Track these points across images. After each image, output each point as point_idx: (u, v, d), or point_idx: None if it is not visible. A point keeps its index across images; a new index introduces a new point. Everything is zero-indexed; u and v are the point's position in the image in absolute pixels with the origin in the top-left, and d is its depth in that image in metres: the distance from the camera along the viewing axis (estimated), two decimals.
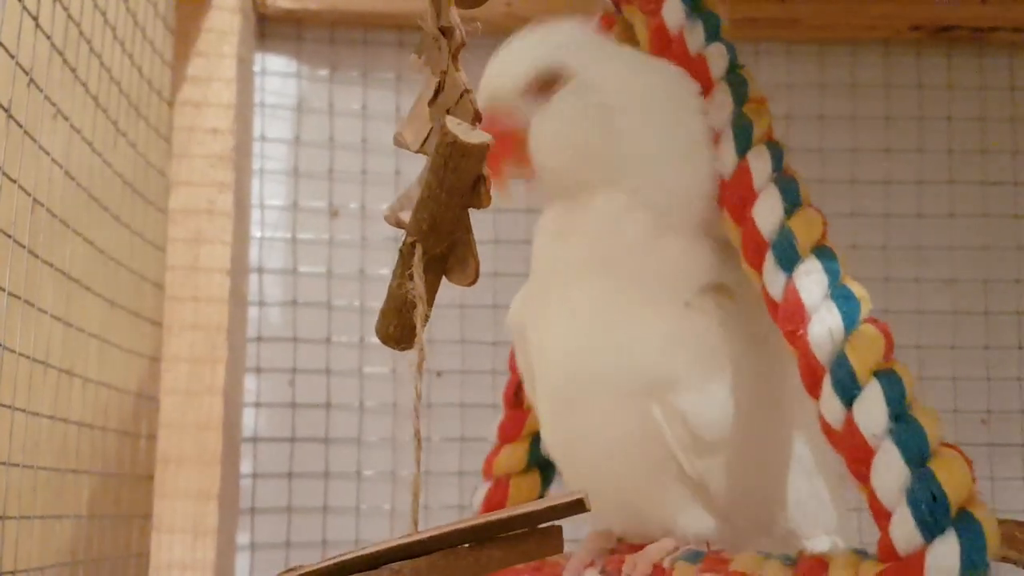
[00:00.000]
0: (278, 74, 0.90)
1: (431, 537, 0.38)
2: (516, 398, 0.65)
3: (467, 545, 0.38)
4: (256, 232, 0.87)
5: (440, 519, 0.41)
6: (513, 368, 0.65)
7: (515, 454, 0.65)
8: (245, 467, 0.84)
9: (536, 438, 0.64)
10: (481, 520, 0.38)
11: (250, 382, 0.85)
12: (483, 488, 0.66)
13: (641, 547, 0.54)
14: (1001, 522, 0.53)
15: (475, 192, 0.44)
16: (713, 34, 0.57)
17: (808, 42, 0.92)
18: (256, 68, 0.87)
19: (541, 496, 0.66)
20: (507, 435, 0.66)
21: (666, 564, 0.52)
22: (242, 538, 0.83)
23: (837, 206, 0.89)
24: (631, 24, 0.62)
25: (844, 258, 0.50)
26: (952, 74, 0.92)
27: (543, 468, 0.66)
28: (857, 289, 0.49)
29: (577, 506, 0.37)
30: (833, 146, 0.91)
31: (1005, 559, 0.52)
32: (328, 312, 0.88)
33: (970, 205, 0.91)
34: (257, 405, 0.86)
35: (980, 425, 0.88)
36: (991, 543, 0.42)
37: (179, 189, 0.79)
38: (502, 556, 0.38)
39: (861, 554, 0.46)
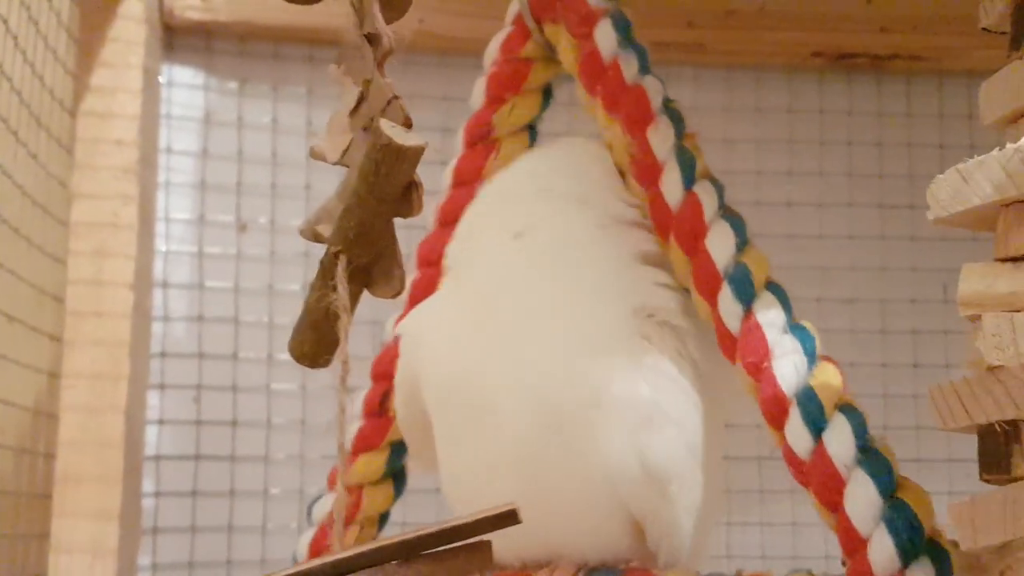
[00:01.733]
0: (186, 86, 0.89)
1: (357, 554, 0.37)
2: (381, 407, 0.64)
3: (395, 562, 0.38)
4: (161, 246, 0.86)
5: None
6: (380, 376, 0.64)
7: (373, 463, 0.64)
8: (147, 486, 0.82)
9: (395, 448, 0.63)
10: (408, 536, 0.38)
11: (153, 399, 0.84)
12: (329, 499, 0.65)
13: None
14: None
15: (405, 199, 0.43)
16: (645, 66, 0.58)
17: (715, 67, 0.93)
18: (163, 79, 0.86)
19: (391, 506, 0.65)
20: (368, 444, 0.64)
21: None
22: (144, 559, 0.82)
23: None
24: (550, 44, 0.63)
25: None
26: (852, 100, 0.95)
27: (396, 479, 0.65)
28: (809, 325, 0.51)
29: (508, 518, 0.37)
30: (738, 168, 0.93)
31: None
32: (235, 328, 0.87)
33: (869, 227, 0.93)
34: (161, 422, 0.85)
35: None
36: (957, 569, 0.45)
37: (81, 201, 0.77)
38: (430, 571, 0.38)
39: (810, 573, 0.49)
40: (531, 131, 0.66)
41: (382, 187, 0.41)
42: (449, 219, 0.64)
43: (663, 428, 0.52)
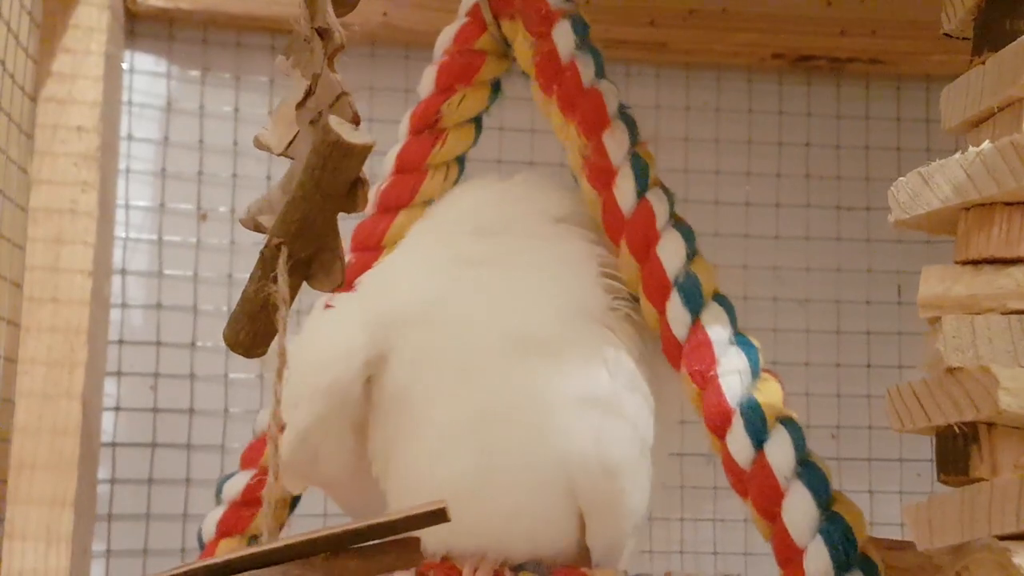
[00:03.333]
0: (147, 73, 0.88)
1: (286, 546, 0.37)
2: None
3: (323, 555, 0.38)
4: (121, 233, 0.85)
5: (301, 526, 0.41)
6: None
7: None
8: (103, 473, 0.82)
9: None
10: (338, 529, 0.38)
11: (110, 386, 0.84)
12: (241, 478, 0.65)
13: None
14: None
15: (351, 196, 0.43)
16: (600, 70, 0.59)
17: (675, 66, 0.94)
18: (125, 66, 0.85)
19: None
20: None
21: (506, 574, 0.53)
22: (98, 545, 0.81)
23: (701, 226, 0.92)
24: (506, 40, 0.63)
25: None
26: (811, 102, 0.96)
27: None
28: (753, 338, 0.52)
29: (437, 516, 0.37)
30: (697, 167, 0.94)
31: None
32: (193, 316, 0.87)
33: (825, 228, 0.95)
34: (117, 409, 0.85)
35: (830, 440, 0.92)
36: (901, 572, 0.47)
37: (41, 187, 0.77)
38: (358, 566, 0.38)
39: None
40: (477, 124, 0.66)
41: (328, 183, 0.41)
42: (390, 205, 0.65)
43: (620, 421, 0.53)
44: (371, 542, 0.38)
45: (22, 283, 0.75)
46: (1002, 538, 0.37)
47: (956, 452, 0.39)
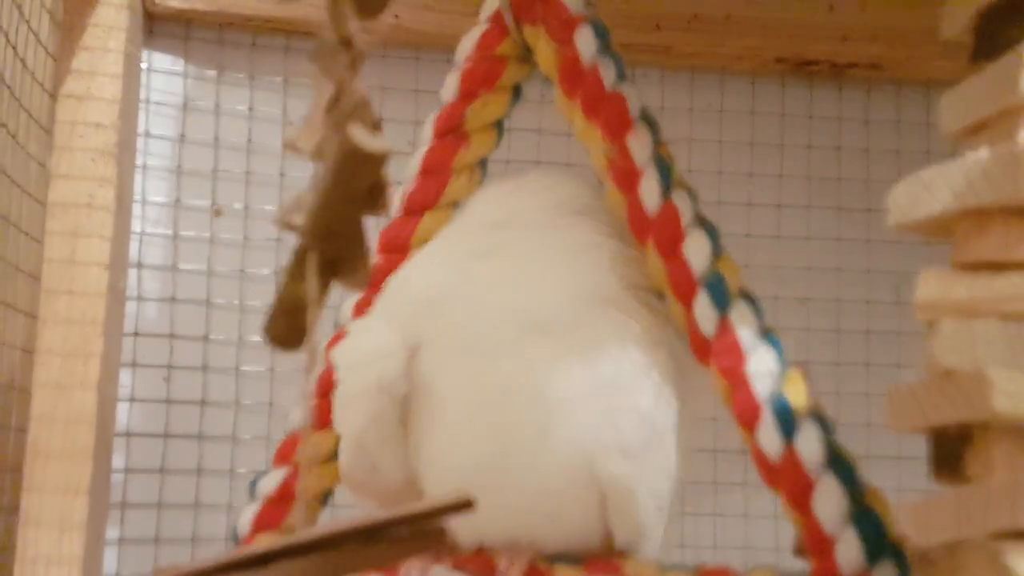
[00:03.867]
0: (165, 72, 0.90)
1: (316, 537, 0.38)
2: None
3: (352, 544, 0.38)
4: (137, 227, 0.87)
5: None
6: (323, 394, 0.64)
7: (322, 443, 0.65)
8: (117, 462, 0.83)
9: None
10: (366, 520, 0.38)
11: (125, 377, 0.85)
12: (277, 474, 0.66)
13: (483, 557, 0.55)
14: None
15: (372, 199, 0.44)
16: (621, 74, 0.60)
17: (680, 69, 0.95)
18: (143, 65, 0.87)
19: (335, 485, 0.66)
20: (318, 423, 0.65)
21: (541, 566, 0.54)
22: (111, 532, 0.83)
23: None
24: (528, 46, 0.64)
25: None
26: (813, 105, 0.97)
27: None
28: (778, 334, 0.54)
29: (464, 506, 0.38)
30: (701, 168, 0.95)
31: None
32: (207, 309, 0.88)
33: (825, 229, 0.96)
34: (131, 400, 0.86)
35: None
36: (914, 572, 0.47)
37: (59, 182, 0.78)
38: (390, 554, 0.39)
39: (775, 571, 0.51)
40: (499, 127, 0.68)
41: (349, 187, 0.42)
42: (415, 207, 0.66)
43: (633, 403, 0.54)
44: (398, 531, 0.39)
45: (39, 276, 0.77)
46: (995, 538, 0.38)
47: (951, 453, 0.40)
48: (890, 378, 0.93)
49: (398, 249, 0.65)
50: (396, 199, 0.66)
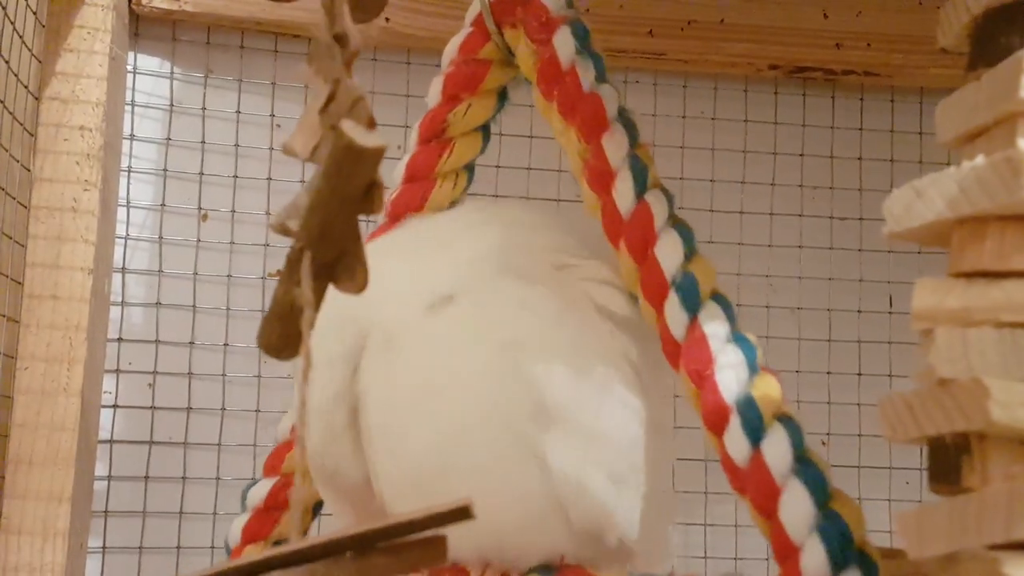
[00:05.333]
0: (151, 74, 0.89)
1: (312, 546, 0.37)
2: None
3: (349, 554, 0.38)
4: (122, 231, 0.86)
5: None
6: None
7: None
8: (100, 469, 0.82)
9: None
10: (363, 529, 0.38)
11: (109, 383, 0.84)
12: (264, 485, 0.66)
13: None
14: None
15: (367, 198, 0.43)
16: (601, 74, 0.59)
17: (673, 75, 0.95)
18: (129, 67, 0.86)
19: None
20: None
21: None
22: (94, 541, 0.82)
23: (696, 234, 0.93)
24: (509, 48, 0.64)
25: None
26: (806, 113, 0.97)
27: None
28: (751, 337, 0.52)
29: (461, 514, 0.37)
30: (693, 176, 0.94)
31: None
32: (193, 315, 0.87)
33: (818, 238, 0.96)
34: (115, 407, 0.85)
35: (820, 447, 0.93)
36: None
37: (43, 185, 0.77)
38: (385, 564, 0.38)
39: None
40: (484, 132, 0.67)
41: (344, 187, 0.41)
42: (400, 212, 0.66)
43: (601, 438, 0.53)
44: (397, 540, 0.38)
45: (23, 280, 0.76)
46: (991, 548, 0.37)
47: (948, 463, 0.39)
48: (882, 389, 0.92)
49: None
50: (383, 205, 0.65)
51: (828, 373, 0.94)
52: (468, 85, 0.65)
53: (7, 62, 0.72)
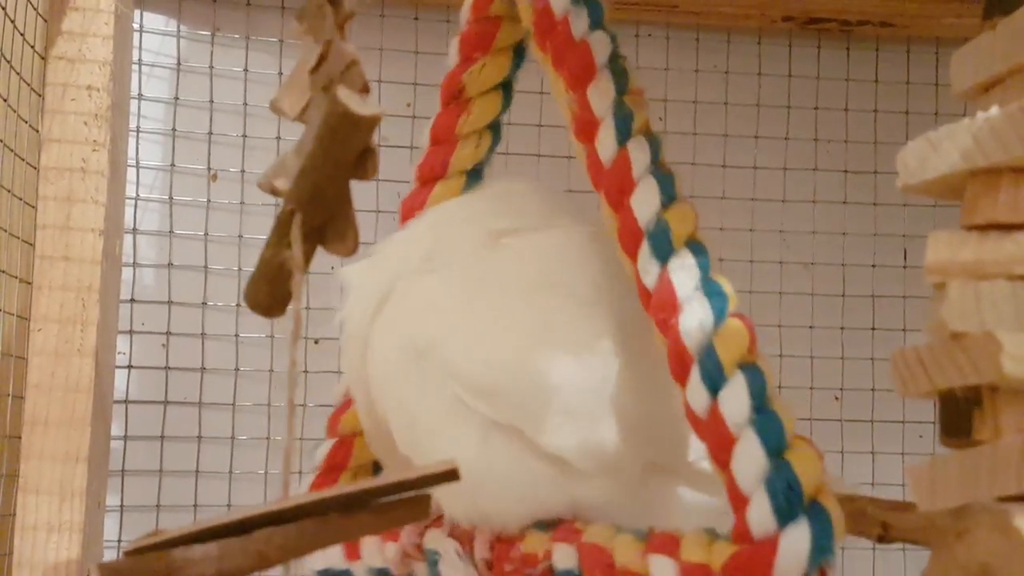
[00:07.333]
0: (157, 33, 0.88)
1: (301, 504, 0.38)
2: None
3: (336, 513, 0.38)
4: (131, 192, 0.86)
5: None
6: None
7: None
8: (116, 429, 0.83)
9: None
10: (352, 488, 0.38)
11: (122, 344, 0.84)
12: (326, 446, 0.66)
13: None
14: (854, 498, 0.56)
15: (361, 164, 0.43)
16: (597, 22, 0.58)
17: (686, 28, 0.94)
18: (135, 26, 0.85)
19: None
20: None
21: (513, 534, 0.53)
22: (112, 500, 0.82)
23: (708, 190, 0.92)
24: (513, 2, 0.63)
25: (714, 253, 0.51)
26: (821, 65, 0.96)
27: None
28: (725, 284, 0.50)
29: (449, 475, 0.38)
30: (705, 131, 0.94)
31: (861, 534, 0.55)
32: (204, 275, 0.87)
33: (832, 192, 0.95)
34: (129, 367, 0.85)
35: (833, 402, 0.93)
36: (838, 531, 0.44)
37: (51, 146, 0.77)
38: (372, 522, 0.39)
39: (712, 534, 0.47)
40: (505, 90, 0.66)
41: (337, 152, 0.41)
42: (426, 177, 0.66)
43: (604, 414, 0.53)
44: (384, 499, 0.39)
45: (34, 241, 0.76)
46: (1003, 500, 0.37)
47: (959, 416, 0.39)
48: (896, 343, 0.92)
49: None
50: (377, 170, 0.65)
51: (842, 328, 0.94)
52: (481, 44, 0.64)
53: (13, 21, 0.71)
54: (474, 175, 0.66)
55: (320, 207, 0.43)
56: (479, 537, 0.54)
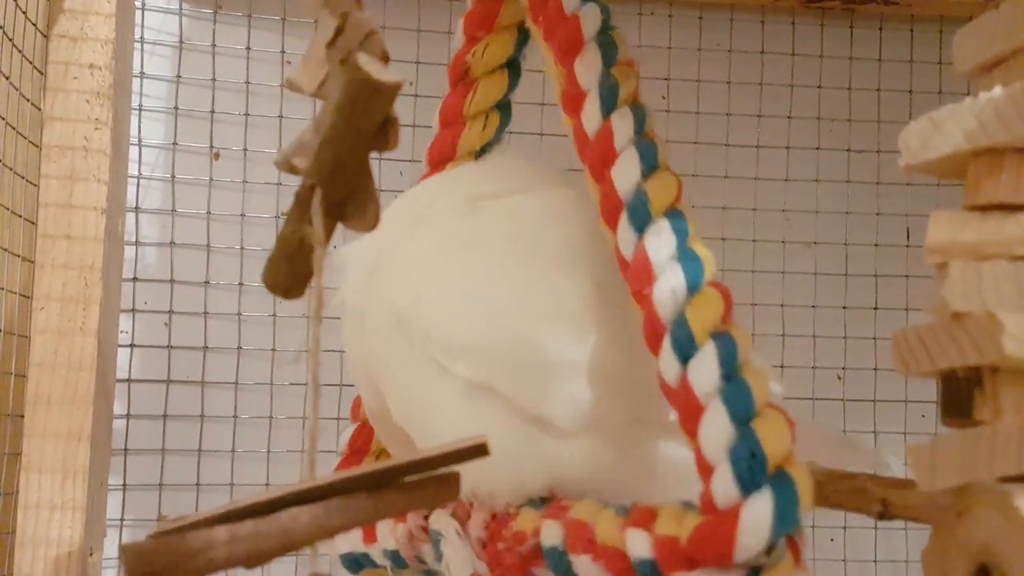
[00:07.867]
0: (159, 10, 0.88)
1: (328, 483, 0.37)
2: None
3: (364, 492, 0.38)
4: (133, 171, 0.86)
5: (320, 463, 0.41)
6: None
7: None
8: (119, 408, 0.83)
9: None
10: (378, 467, 0.38)
11: (125, 323, 0.85)
12: (349, 430, 0.67)
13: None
14: (854, 475, 0.56)
15: (382, 134, 0.42)
16: None
17: (689, 6, 0.94)
18: (136, 3, 0.85)
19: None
20: None
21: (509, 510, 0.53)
22: (114, 479, 0.83)
23: (711, 169, 0.92)
24: None
25: (695, 221, 0.51)
26: (824, 44, 0.95)
27: None
28: (703, 252, 0.49)
29: (477, 451, 0.37)
30: (708, 110, 0.93)
31: (860, 511, 0.55)
32: (207, 254, 0.87)
33: (835, 171, 0.95)
34: (132, 346, 0.86)
35: (836, 381, 0.93)
36: (804, 500, 0.43)
37: (54, 124, 0.77)
38: (400, 501, 0.38)
39: (687, 506, 0.47)
40: (511, 69, 0.66)
41: (358, 122, 0.40)
42: (436, 159, 0.66)
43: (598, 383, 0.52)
44: (412, 477, 0.38)
45: (36, 220, 0.76)
46: (1003, 480, 0.38)
47: (960, 396, 0.39)
48: (898, 322, 0.92)
49: None
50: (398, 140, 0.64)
51: (844, 308, 0.94)
52: (483, 24, 0.64)
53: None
54: (484, 155, 0.66)
55: (341, 181, 0.42)
56: (475, 516, 0.54)
